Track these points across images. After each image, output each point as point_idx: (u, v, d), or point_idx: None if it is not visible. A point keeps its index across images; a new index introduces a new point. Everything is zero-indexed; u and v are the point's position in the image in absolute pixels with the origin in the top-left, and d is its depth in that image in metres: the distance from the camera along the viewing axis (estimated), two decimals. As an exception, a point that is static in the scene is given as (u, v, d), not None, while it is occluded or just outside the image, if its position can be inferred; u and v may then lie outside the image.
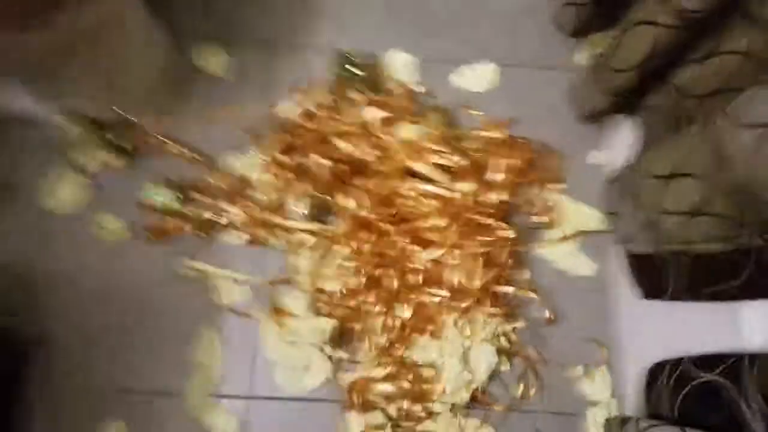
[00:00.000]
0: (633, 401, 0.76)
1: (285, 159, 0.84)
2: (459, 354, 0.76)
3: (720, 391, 0.53)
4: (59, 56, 0.73)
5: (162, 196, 0.83)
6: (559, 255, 0.85)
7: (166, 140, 0.87)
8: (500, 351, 0.78)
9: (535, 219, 0.87)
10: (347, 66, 0.87)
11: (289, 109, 0.87)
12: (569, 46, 0.95)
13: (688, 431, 0.52)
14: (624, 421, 0.63)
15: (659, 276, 0.65)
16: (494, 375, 0.79)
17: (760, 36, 0.57)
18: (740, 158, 0.50)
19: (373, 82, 0.91)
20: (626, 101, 0.76)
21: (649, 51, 0.65)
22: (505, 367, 0.80)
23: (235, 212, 0.84)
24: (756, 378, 0.49)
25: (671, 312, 0.68)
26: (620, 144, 0.85)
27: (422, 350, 0.78)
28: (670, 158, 0.60)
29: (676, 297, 0.63)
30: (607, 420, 0.69)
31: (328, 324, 0.77)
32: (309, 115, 0.86)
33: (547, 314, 0.81)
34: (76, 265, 0.83)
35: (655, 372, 0.67)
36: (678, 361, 0.62)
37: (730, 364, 0.53)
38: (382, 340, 0.78)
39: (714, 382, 0.54)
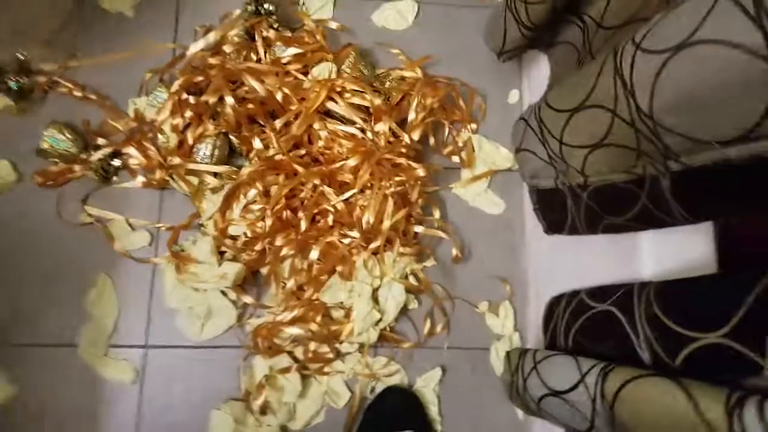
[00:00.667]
0: (534, 334, 0.75)
1: (190, 99, 0.74)
2: (368, 294, 0.71)
3: (611, 320, 0.51)
4: None
5: (60, 141, 0.72)
6: (471, 194, 0.81)
7: (67, 83, 0.76)
8: (409, 290, 0.74)
9: (450, 158, 0.82)
10: (259, 2, 0.77)
11: (197, 48, 0.77)
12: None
13: (579, 359, 0.50)
14: (522, 353, 0.61)
15: (560, 210, 0.62)
16: (402, 313, 0.75)
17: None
18: (643, 84, 0.46)
19: (288, 20, 0.82)
20: (540, 36, 0.71)
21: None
22: (413, 305, 0.76)
23: (133, 155, 0.74)
24: (644, 307, 0.47)
25: (572, 246, 0.66)
26: (538, 82, 0.81)
27: (332, 291, 0.72)
28: (575, 91, 0.56)
29: (574, 231, 0.61)
30: (507, 353, 0.67)
31: (232, 268, 0.70)
32: (218, 54, 0.76)
33: (454, 252, 0.77)
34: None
35: (553, 305, 0.65)
36: (574, 294, 0.60)
37: (622, 293, 0.51)
38: (291, 283, 0.72)
39: (606, 312, 0.52)
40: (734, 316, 0.38)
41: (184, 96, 0.74)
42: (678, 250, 0.52)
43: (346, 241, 0.73)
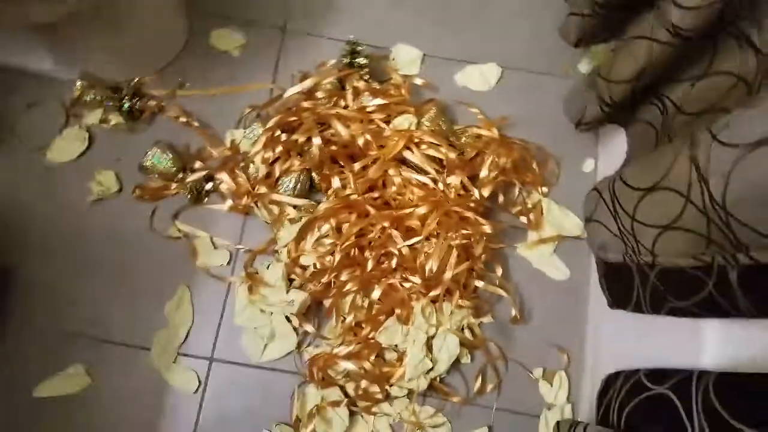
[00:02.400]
0: (586, 408, 0.75)
1: (282, 135, 0.83)
2: (422, 341, 0.75)
3: (667, 405, 0.51)
4: (80, 21, 0.74)
5: (162, 160, 0.82)
6: (536, 256, 0.84)
7: (174, 108, 0.87)
8: (463, 343, 0.77)
9: (517, 218, 0.86)
10: (354, 55, 0.86)
11: (294, 91, 0.86)
12: (571, 55, 0.93)
13: (628, 440, 0.51)
14: (573, 425, 0.62)
15: (625, 286, 0.64)
16: (455, 366, 0.78)
17: (751, 59, 0.55)
18: (716, 175, 0.49)
19: (378, 73, 0.90)
20: (619, 113, 0.75)
21: (644, 65, 0.63)
22: (466, 359, 0.79)
23: (225, 180, 0.83)
24: (701, 396, 0.48)
25: (635, 324, 0.67)
26: (614, 154, 0.84)
27: (388, 333, 0.77)
28: (650, 171, 0.58)
29: (638, 308, 0.62)
30: (557, 422, 0.68)
31: (299, 296, 0.76)
32: (311, 98, 0.86)
33: (513, 312, 0.80)
34: (63, 212, 0.83)
35: (610, 381, 0.66)
36: (633, 372, 0.61)
37: (681, 379, 0.52)
38: (350, 318, 0.77)
39: (662, 396, 0.53)
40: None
41: (277, 133, 0.83)
42: (744, 342, 0.52)
43: (407, 285, 0.78)
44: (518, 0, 0.99)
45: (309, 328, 0.77)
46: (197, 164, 0.84)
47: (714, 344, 0.53)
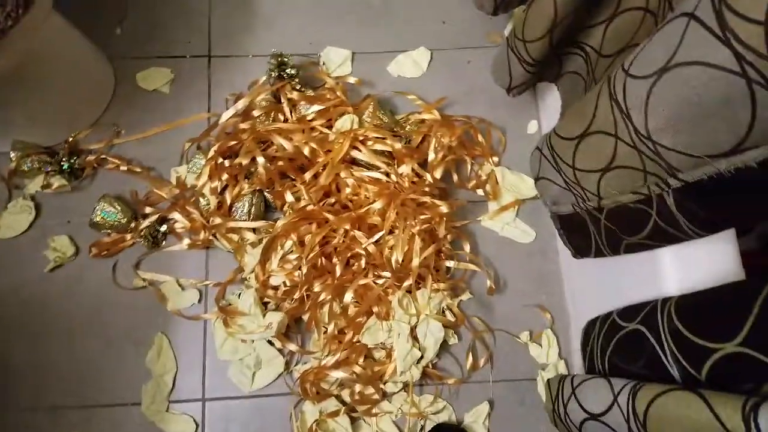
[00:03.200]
0: (577, 360, 0.76)
1: (225, 162, 0.83)
2: (406, 332, 0.76)
3: (641, 338, 0.53)
4: (5, 86, 0.74)
5: (111, 213, 0.82)
6: (500, 225, 0.86)
7: (113, 159, 0.87)
8: (446, 325, 0.78)
9: (475, 192, 0.87)
10: (282, 67, 0.87)
11: (228, 115, 0.86)
12: (495, 23, 0.95)
13: (612, 380, 0.52)
14: (561, 380, 0.64)
15: (583, 235, 0.65)
16: (444, 349, 0.79)
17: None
18: (636, 107, 0.50)
19: (310, 80, 0.91)
20: (545, 69, 0.77)
21: (553, 17, 0.65)
22: (453, 340, 0.80)
23: (178, 219, 0.83)
24: (666, 321, 0.49)
25: (601, 268, 0.69)
26: (554, 111, 0.85)
27: (371, 333, 0.77)
28: (579, 119, 0.60)
29: (599, 253, 0.64)
30: (548, 381, 0.69)
31: (276, 317, 0.77)
32: (249, 118, 0.86)
33: (489, 284, 0.81)
34: (24, 287, 0.82)
35: (589, 329, 0.68)
36: (607, 315, 0.63)
37: (648, 311, 0.54)
38: (331, 327, 0.77)
39: (635, 331, 0.54)
40: (746, 324, 0.40)
41: (220, 160, 0.83)
42: (697, 262, 0.54)
43: (381, 281, 0.79)
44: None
45: (292, 347, 0.78)
46: (147, 209, 0.84)
47: (672, 270, 0.55)
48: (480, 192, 0.87)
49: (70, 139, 0.87)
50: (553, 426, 0.73)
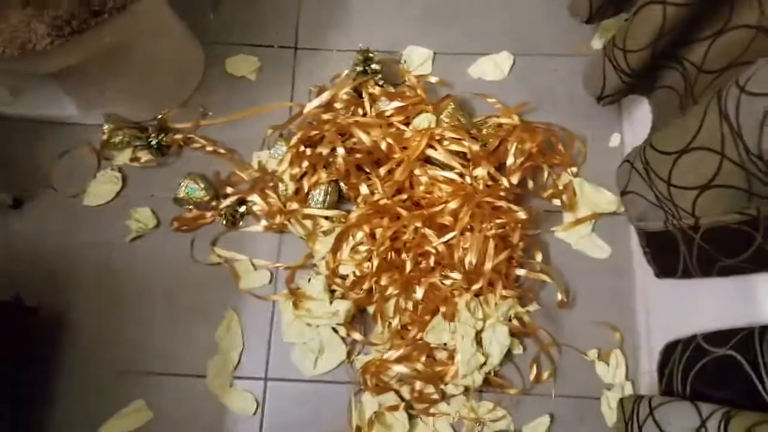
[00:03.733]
0: (647, 382, 0.74)
1: (305, 151, 0.86)
2: (471, 336, 0.76)
3: (732, 365, 0.51)
4: (97, 67, 0.79)
5: (195, 190, 0.86)
6: (574, 238, 0.84)
7: (200, 139, 0.91)
8: (513, 333, 0.78)
9: (551, 202, 0.86)
10: (367, 63, 0.89)
11: (312, 106, 0.89)
12: (582, 33, 0.94)
13: (699, 405, 0.51)
14: (637, 400, 0.62)
15: (671, 253, 0.63)
16: (507, 358, 0.78)
17: (770, 7, 0.56)
18: (749, 127, 0.49)
19: (391, 77, 0.92)
20: (640, 81, 0.75)
21: (659, 29, 0.63)
22: (518, 350, 0.79)
23: (257, 202, 0.86)
24: (766, 350, 0.47)
25: (685, 290, 0.67)
26: (639, 126, 0.84)
27: (435, 332, 0.78)
28: (680, 133, 0.59)
29: (687, 274, 0.62)
30: (621, 400, 0.68)
31: (343, 306, 0.78)
32: (330, 110, 0.88)
33: (559, 297, 0.80)
34: (106, 253, 0.86)
35: (669, 351, 0.66)
36: (691, 339, 0.61)
37: (742, 337, 0.52)
38: (395, 322, 0.78)
39: (726, 357, 0.53)
40: None
41: (301, 148, 0.85)
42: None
43: (448, 282, 0.79)
44: (520, -14, 1.00)
45: (357, 336, 0.79)
46: (228, 190, 0.87)
47: (771, 297, 0.53)
48: (556, 202, 0.86)
49: (160, 117, 0.91)
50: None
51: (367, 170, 0.85)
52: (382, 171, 0.84)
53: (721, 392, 0.52)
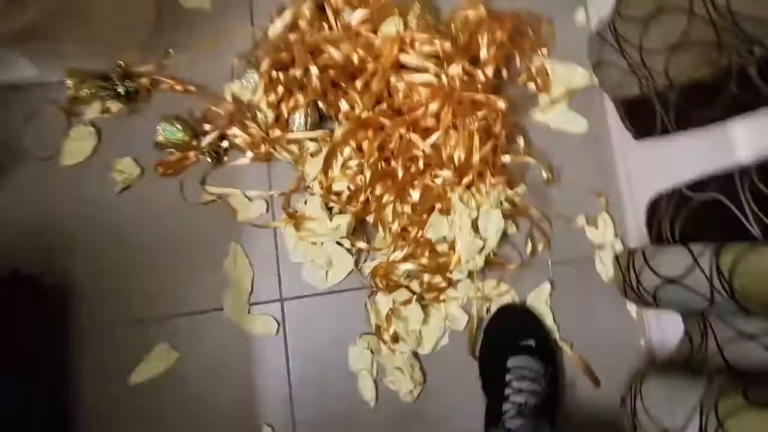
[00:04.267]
0: (635, 239, 0.81)
1: (278, 76, 0.84)
2: (468, 225, 0.80)
3: (716, 206, 0.56)
4: (54, 17, 0.73)
5: (173, 132, 0.84)
6: (552, 117, 0.87)
7: (167, 79, 0.88)
8: (506, 215, 0.82)
9: (525, 87, 0.88)
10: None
11: (277, 28, 0.86)
12: None
13: (690, 245, 0.56)
14: (631, 252, 0.68)
15: (648, 115, 0.67)
16: (504, 239, 0.83)
17: None
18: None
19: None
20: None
21: None
22: (512, 230, 0.84)
23: (238, 134, 0.85)
24: (748, 186, 0.52)
25: (663, 150, 0.71)
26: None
27: (434, 228, 0.81)
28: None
29: (665, 131, 0.66)
30: (616, 256, 0.74)
31: (343, 220, 0.81)
32: (295, 30, 0.85)
33: (545, 175, 0.84)
34: (96, 210, 0.85)
35: (654, 204, 0.71)
36: (674, 191, 0.66)
37: (723, 180, 0.56)
38: (395, 226, 0.81)
39: (709, 200, 0.58)
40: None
41: (274, 74, 0.84)
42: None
43: (439, 180, 0.82)
44: None
45: (361, 244, 0.82)
46: (207, 127, 0.86)
47: (745, 139, 0.57)
48: (531, 86, 0.87)
49: (122, 64, 0.87)
50: (612, 299, 0.79)
51: (344, 85, 0.84)
52: (359, 84, 0.83)
53: (709, 234, 0.58)
